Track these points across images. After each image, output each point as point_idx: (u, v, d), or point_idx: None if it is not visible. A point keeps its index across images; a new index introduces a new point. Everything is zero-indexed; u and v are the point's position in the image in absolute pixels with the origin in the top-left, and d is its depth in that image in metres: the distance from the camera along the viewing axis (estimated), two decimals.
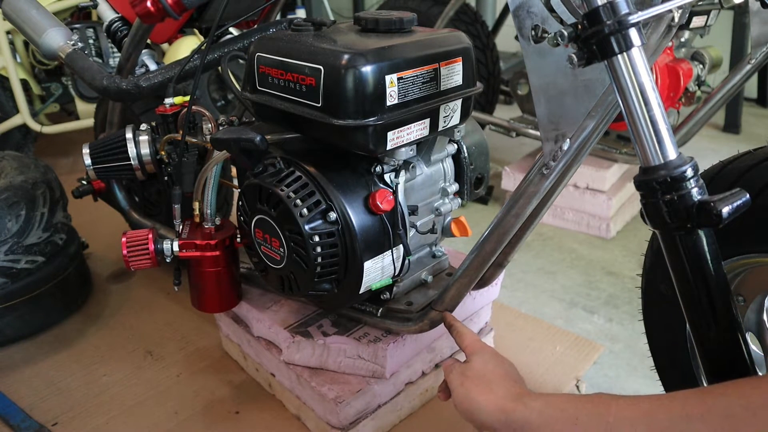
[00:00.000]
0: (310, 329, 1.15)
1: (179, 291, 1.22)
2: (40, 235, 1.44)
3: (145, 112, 1.50)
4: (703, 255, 0.68)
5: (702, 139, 2.90)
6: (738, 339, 0.71)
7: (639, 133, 0.67)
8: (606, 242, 2.05)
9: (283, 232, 0.95)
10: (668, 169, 0.66)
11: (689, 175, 0.66)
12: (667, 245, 0.70)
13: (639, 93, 0.66)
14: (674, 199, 0.66)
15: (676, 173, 0.65)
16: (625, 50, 0.65)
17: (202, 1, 1.08)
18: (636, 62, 0.65)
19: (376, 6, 3.61)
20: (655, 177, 0.66)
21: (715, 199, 0.65)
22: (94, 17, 2.42)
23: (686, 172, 0.65)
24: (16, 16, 1.32)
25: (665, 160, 0.66)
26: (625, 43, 0.64)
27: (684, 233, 0.68)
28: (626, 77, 0.66)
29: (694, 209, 0.65)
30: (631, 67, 0.65)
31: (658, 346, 1.03)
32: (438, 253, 1.15)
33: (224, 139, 0.95)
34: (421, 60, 0.91)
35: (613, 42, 0.64)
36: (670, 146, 0.66)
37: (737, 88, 1.71)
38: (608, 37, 0.64)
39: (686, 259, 0.69)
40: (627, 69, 0.65)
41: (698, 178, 0.67)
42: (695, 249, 0.68)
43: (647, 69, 0.66)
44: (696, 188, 0.66)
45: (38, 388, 1.30)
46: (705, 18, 1.76)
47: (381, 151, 0.91)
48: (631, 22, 0.63)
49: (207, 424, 1.19)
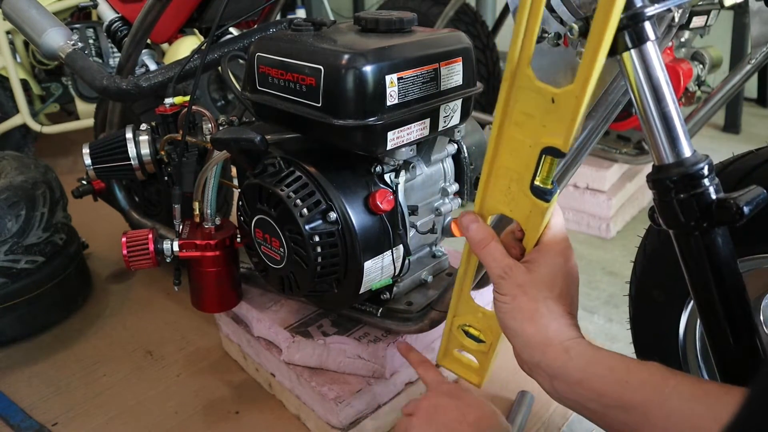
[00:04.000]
0: (310, 329, 1.15)
1: (179, 291, 1.22)
2: (40, 235, 1.43)
3: (145, 112, 1.50)
4: (721, 254, 0.67)
5: (702, 139, 2.90)
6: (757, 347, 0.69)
7: (652, 130, 0.65)
8: (606, 242, 2.05)
9: (283, 232, 0.95)
10: (684, 166, 0.64)
11: (706, 172, 0.64)
12: (681, 245, 0.68)
13: (653, 89, 0.64)
14: (690, 197, 0.64)
15: (693, 171, 0.63)
16: (639, 45, 0.63)
17: None
18: (650, 57, 0.63)
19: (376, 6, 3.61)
20: (670, 175, 0.64)
21: (734, 195, 0.63)
22: (94, 17, 2.42)
23: (703, 170, 0.63)
24: (16, 16, 1.32)
25: (680, 158, 0.64)
26: (638, 38, 0.62)
27: (700, 233, 0.66)
28: (639, 72, 0.64)
29: (713, 207, 0.63)
30: (645, 61, 0.63)
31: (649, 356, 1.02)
32: (438, 253, 1.15)
33: (224, 139, 0.95)
34: (421, 60, 0.91)
35: (627, 36, 0.62)
36: (685, 143, 0.64)
37: (737, 88, 1.71)
38: (621, 31, 0.62)
39: (704, 258, 0.67)
40: (641, 64, 0.63)
41: (714, 176, 0.65)
42: (712, 248, 0.66)
43: (661, 64, 0.64)
44: (713, 186, 0.64)
45: (38, 388, 1.30)
46: (705, 18, 1.76)
47: (381, 151, 0.91)
48: (646, 15, 0.62)
49: (207, 424, 1.19)
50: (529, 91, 0.64)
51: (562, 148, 0.63)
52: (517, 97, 0.65)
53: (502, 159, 0.69)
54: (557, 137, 0.63)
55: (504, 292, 0.67)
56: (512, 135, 0.67)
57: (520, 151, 0.67)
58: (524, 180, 0.68)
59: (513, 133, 0.67)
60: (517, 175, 0.68)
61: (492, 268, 0.69)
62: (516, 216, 0.71)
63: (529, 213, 0.69)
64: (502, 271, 0.68)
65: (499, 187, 0.71)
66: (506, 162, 0.69)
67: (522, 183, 0.68)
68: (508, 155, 0.68)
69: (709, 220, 0.64)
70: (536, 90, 0.63)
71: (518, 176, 0.68)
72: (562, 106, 0.61)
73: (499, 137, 0.68)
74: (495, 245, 0.70)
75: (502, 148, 0.69)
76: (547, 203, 0.67)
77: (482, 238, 0.71)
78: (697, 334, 0.94)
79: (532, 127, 0.65)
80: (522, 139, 0.66)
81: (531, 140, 0.65)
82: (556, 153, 0.64)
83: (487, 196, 0.73)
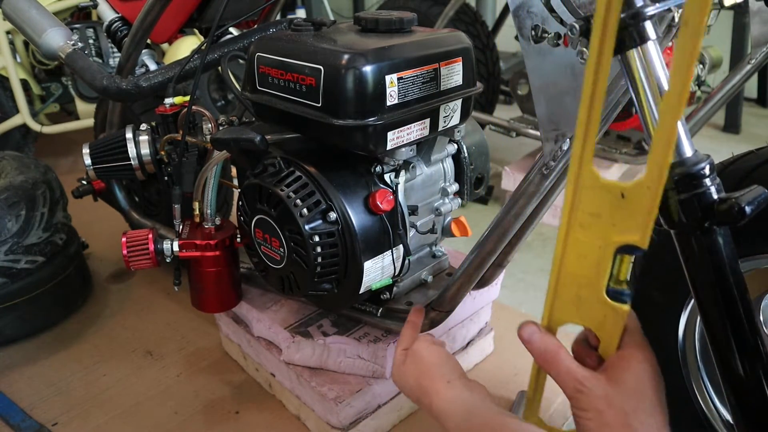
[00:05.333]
0: (310, 329, 1.15)
1: (179, 291, 1.22)
2: (40, 235, 1.44)
3: (145, 112, 1.50)
4: (722, 254, 0.66)
5: (702, 139, 2.90)
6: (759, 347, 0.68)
7: (653, 129, 0.65)
8: None
9: (283, 232, 0.95)
10: (685, 166, 0.63)
11: (707, 172, 0.63)
12: (682, 246, 0.68)
13: (654, 88, 0.64)
14: (692, 197, 0.63)
15: (694, 170, 0.63)
16: (640, 44, 0.63)
17: None
18: (651, 56, 0.63)
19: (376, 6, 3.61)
20: (671, 175, 0.63)
21: (735, 195, 0.62)
22: (94, 17, 2.42)
23: (704, 170, 0.63)
24: (16, 16, 1.32)
25: (681, 158, 0.64)
26: (639, 37, 0.62)
27: (701, 233, 0.65)
28: (641, 71, 0.64)
29: (714, 207, 0.63)
30: (645, 61, 0.63)
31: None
32: (438, 253, 1.15)
33: (224, 139, 0.95)
34: (421, 60, 0.91)
35: (628, 36, 0.62)
36: (686, 143, 0.64)
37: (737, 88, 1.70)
38: (622, 31, 0.62)
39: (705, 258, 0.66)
40: (642, 63, 0.63)
41: (715, 176, 0.64)
42: (714, 248, 0.66)
43: (662, 63, 0.64)
44: (714, 186, 0.63)
45: (38, 388, 1.30)
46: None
47: (381, 151, 0.91)
48: (647, 15, 0.62)
49: (207, 424, 1.19)
50: (595, 189, 0.61)
51: (640, 245, 0.59)
52: (582, 198, 0.62)
53: (569, 266, 0.65)
54: (633, 233, 0.59)
55: (585, 407, 0.60)
56: (578, 238, 0.63)
57: (589, 255, 0.63)
58: (595, 285, 0.64)
59: (579, 236, 0.63)
60: (586, 280, 0.64)
61: (566, 382, 0.62)
62: (589, 323, 0.66)
63: (604, 318, 0.65)
64: (579, 384, 0.61)
65: (567, 296, 0.67)
66: (573, 268, 0.65)
67: (593, 288, 0.64)
68: (575, 261, 0.64)
69: (711, 220, 0.64)
70: (602, 187, 0.60)
71: (588, 281, 0.64)
72: (633, 200, 0.58)
73: (565, 244, 0.64)
74: (564, 356, 0.64)
75: (569, 254, 0.65)
76: (625, 306, 0.63)
77: (549, 349, 0.65)
78: (696, 335, 0.94)
79: (601, 226, 0.61)
80: (590, 242, 0.63)
81: (600, 241, 0.62)
82: (633, 250, 0.61)
83: (554, 308, 0.68)
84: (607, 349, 0.66)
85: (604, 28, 0.55)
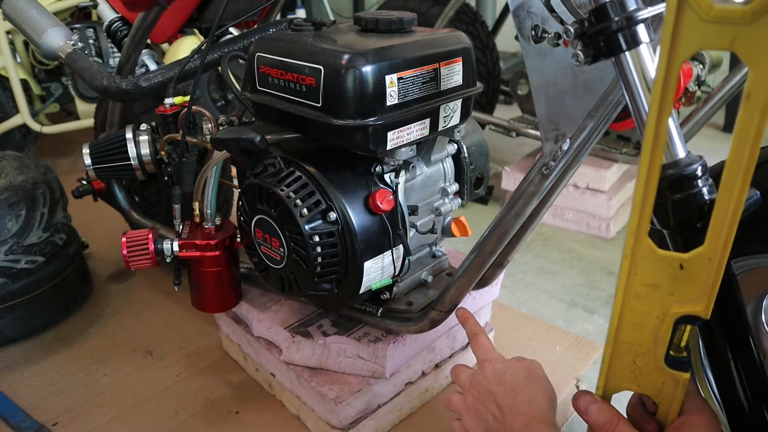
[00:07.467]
0: (310, 329, 1.15)
1: (179, 291, 1.22)
2: (40, 235, 1.44)
3: (145, 112, 1.50)
4: None
5: (702, 139, 2.91)
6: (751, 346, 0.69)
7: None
8: (606, 242, 2.05)
9: (283, 232, 0.95)
10: (678, 167, 0.64)
11: (699, 173, 0.64)
12: (676, 245, 0.68)
13: (647, 90, 0.65)
14: (684, 198, 0.64)
15: (687, 172, 0.63)
16: (633, 47, 0.64)
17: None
18: (644, 59, 0.64)
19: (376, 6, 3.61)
20: (664, 176, 0.64)
21: None
22: (94, 17, 2.42)
23: (696, 171, 0.64)
24: (16, 16, 1.32)
25: (674, 159, 0.64)
26: (633, 40, 0.63)
27: (694, 233, 0.65)
28: (634, 74, 0.65)
29: (705, 208, 0.63)
30: (639, 63, 0.64)
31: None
32: (438, 253, 1.15)
33: (224, 139, 0.95)
34: (421, 60, 0.91)
35: (621, 39, 0.63)
36: (679, 144, 0.65)
37: (737, 88, 1.71)
38: (616, 34, 0.63)
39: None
40: (635, 66, 0.64)
41: (708, 177, 0.65)
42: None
43: (655, 66, 0.65)
44: (706, 187, 0.64)
45: (38, 388, 1.30)
46: None
47: (381, 151, 0.91)
48: (639, 18, 0.63)
49: (207, 424, 1.19)
50: (652, 261, 0.61)
51: (703, 315, 0.60)
52: (637, 269, 0.62)
53: (625, 335, 0.65)
54: (694, 305, 0.60)
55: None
56: (634, 308, 0.64)
57: (646, 325, 0.63)
58: (652, 353, 0.64)
59: (635, 307, 0.64)
60: (643, 349, 0.65)
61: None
62: (647, 391, 0.67)
63: (662, 386, 0.65)
64: None
65: (623, 364, 0.67)
66: (630, 337, 0.65)
67: (650, 356, 0.65)
68: (631, 330, 0.65)
69: (703, 221, 0.64)
70: (660, 259, 0.60)
71: (645, 350, 0.65)
72: (694, 271, 0.59)
73: (621, 314, 0.65)
74: (624, 426, 0.64)
75: (625, 324, 0.65)
76: (686, 374, 0.64)
77: (607, 420, 0.64)
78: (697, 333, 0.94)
79: (658, 297, 0.62)
80: (647, 311, 0.63)
81: (658, 311, 0.62)
82: (695, 321, 0.61)
83: (610, 376, 0.68)
84: (668, 415, 0.66)
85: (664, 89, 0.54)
